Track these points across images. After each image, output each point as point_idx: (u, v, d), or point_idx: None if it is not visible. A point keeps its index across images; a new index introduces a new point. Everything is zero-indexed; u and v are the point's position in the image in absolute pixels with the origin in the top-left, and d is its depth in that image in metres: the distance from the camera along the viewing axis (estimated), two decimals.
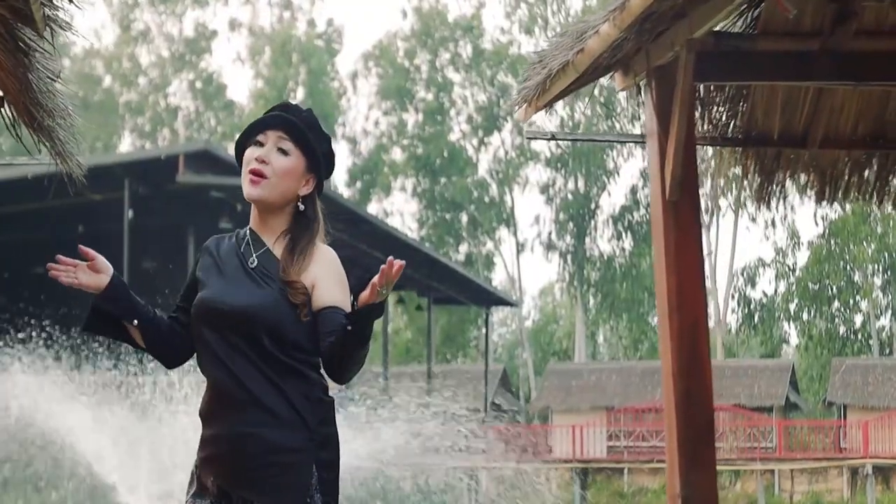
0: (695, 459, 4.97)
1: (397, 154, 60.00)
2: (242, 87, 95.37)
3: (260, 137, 3.70)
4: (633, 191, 55.10)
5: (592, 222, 55.74)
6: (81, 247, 3.66)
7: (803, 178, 6.16)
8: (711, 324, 60.42)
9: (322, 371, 3.67)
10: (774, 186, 6.10)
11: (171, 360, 3.79)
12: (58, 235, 28.50)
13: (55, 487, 19.49)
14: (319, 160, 3.73)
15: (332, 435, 3.62)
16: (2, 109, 5.22)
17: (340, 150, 72.00)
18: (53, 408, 17.73)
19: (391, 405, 20.65)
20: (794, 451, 38.87)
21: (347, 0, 79.57)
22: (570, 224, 55.33)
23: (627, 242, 55.95)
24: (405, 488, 24.86)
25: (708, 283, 56.92)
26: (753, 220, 51.96)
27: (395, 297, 42.25)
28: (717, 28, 5.47)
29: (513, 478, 25.37)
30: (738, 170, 6.02)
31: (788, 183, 6.09)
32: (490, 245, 59.91)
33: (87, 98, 61.23)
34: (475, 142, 58.94)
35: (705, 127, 5.80)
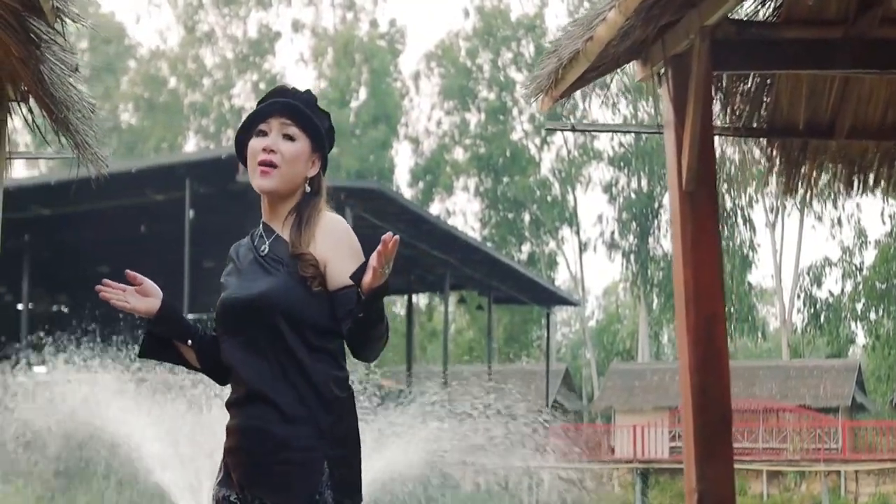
0: (711, 454, 4.89)
1: (459, 154, 60.00)
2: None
3: (262, 127, 3.66)
4: None
5: (656, 221, 55.36)
6: (129, 272, 3.65)
7: (831, 169, 6.04)
8: (776, 324, 59.95)
9: (343, 360, 3.64)
10: (801, 178, 6.00)
11: (224, 378, 3.75)
12: (120, 235, 28.87)
13: (114, 484, 19.71)
14: (324, 139, 3.71)
15: (349, 432, 3.55)
16: (19, 104, 5.25)
17: (403, 150, 72.37)
18: (112, 406, 17.90)
19: (450, 404, 20.62)
20: (860, 452, 38.33)
21: (410, 0, 79.73)
22: (633, 223, 55.00)
23: None
24: (465, 488, 24.85)
25: (773, 283, 56.59)
26: (819, 218, 51.39)
27: (456, 297, 42.28)
28: (740, 17, 5.39)
29: (574, 478, 25.29)
30: (763, 161, 5.91)
31: (815, 174, 5.98)
32: (553, 244, 59.75)
33: (153, 99, 61.90)
34: (538, 141, 58.77)
35: (729, 118, 5.71)
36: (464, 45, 59.79)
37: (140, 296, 3.65)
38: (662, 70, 5.09)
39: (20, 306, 29.50)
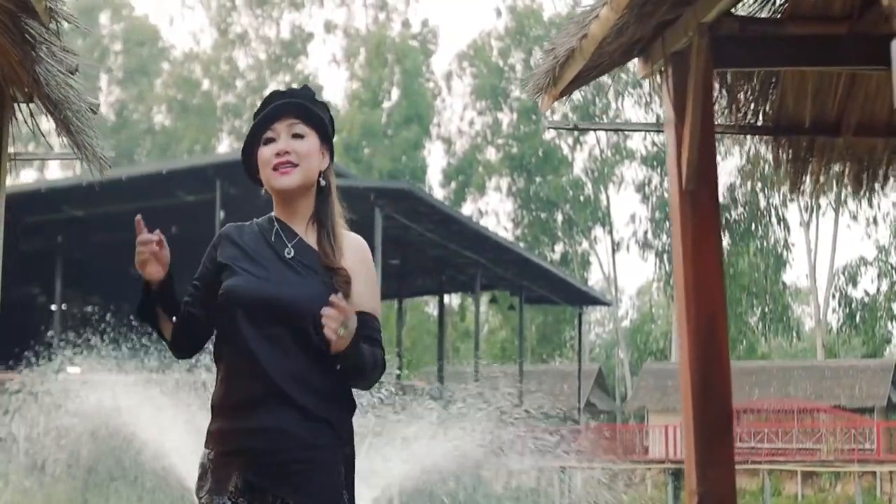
0: (712, 455, 4.84)
1: (492, 154, 59.98)
2: (338, 89, 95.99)
3: (269, 134, 3.64)
4: (731, 189, 54.41)
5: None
6: (157, 236, 3.60)
7: (839, 167, 5.97)
8: (812, 324, 59.57)
9: None
10: (809, 176, 5.93)
11: (187, 352, 3.77)
12: None
13: (147, 486, 19.79)
14: (328, 130, 3.71)
15: (351, 431, 3.59)
16: (20, 105, 5.26)
17: (435, 150, 72.31)
18: (145, 407, 17.97)
19: (482, 404, 20.57)
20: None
21: (442, 0, 79.73)
22: (667, 222, 54.78)
23: (725, 241, 55.23)
24: (497, 488, 24.80)
25: (808, 283, 56.27)
26: (854, 217, 51.09)
27: (487, 297, 42.22)
28: (744, 13, 5.34)
29: (607, 478, 25.19)
30: (769, 159, 5.85)
31: (823, 172, 5.91)
32: (585, 244, 59.63)
33: (186, 101, 62.18)
34: (570, 140, 58.66)
35: (734, 116, 5.66)
36: (496, 44, 59.75)
37: (155, 257, 3.62)
38: (663, 68, 5.05)
39: (53, 307, 29.66)
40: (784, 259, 54.30)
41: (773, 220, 53.50)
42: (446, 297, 48.69)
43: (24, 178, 58.64)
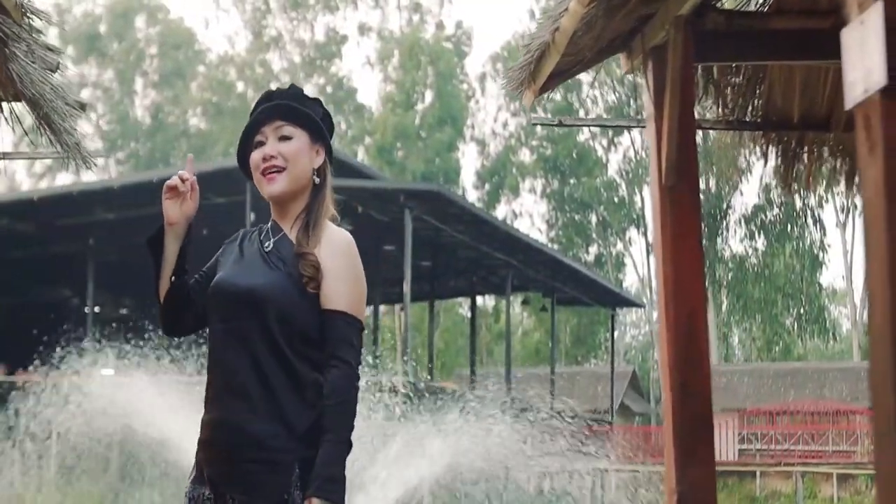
0: (692, 454, 4.78)
1: (526, 155, 59.86)
2: (372, 91, 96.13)
3: (258, 138, 3.64)
4: (767, 190, 54.08)
5: (724, 222, 54.83)
6: (187, 176, 3.64)
7: (830, 162, 5.89)
8: (848, 325, 59.13)
9: (321, 370, 3.60)
10: (799, 172, 5.86)
11: (176, 330, 3.78)
12: None
13: (175, 486, 19.87)
14: (321, 127, 3.68)
15: (316, 433, 3.53)
16: (9, 103, 5.27)
17: (469, 152, 72.16)
18: (180, 410, 18.03)
19: (514, 406, 20.51)
20: None
21: (476, 2, 79.67)
22: (701, 224, 54.49)
23: (760, 242, 54.95)
24: (529, 490, 24.73)
25: (844, 284, 55.89)
26: None
27: (519, 298, 42.13)
28: (728, 6, 5.29)
29: (639, 480, 25.06)
30: (758, 155, 5.79)
31: (814, 168, 5.83)
32: (620, 246, 59.43)
33: (221, 104, 62.41)
34: (604, 142, 58.49)
35: (721, 111, 5.60)
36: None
37: (179, 204, 3.64)
38: (643, 63, 5.00)
39: (87, 309, 29.83)
40: (820, 260, 53.96)
41: (809, 220, 53.16)
42: (480, 299, 48.64)
43: (60, 181, 59.04)
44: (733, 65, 5.49)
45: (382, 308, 47.11)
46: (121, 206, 27.40)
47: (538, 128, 59.18)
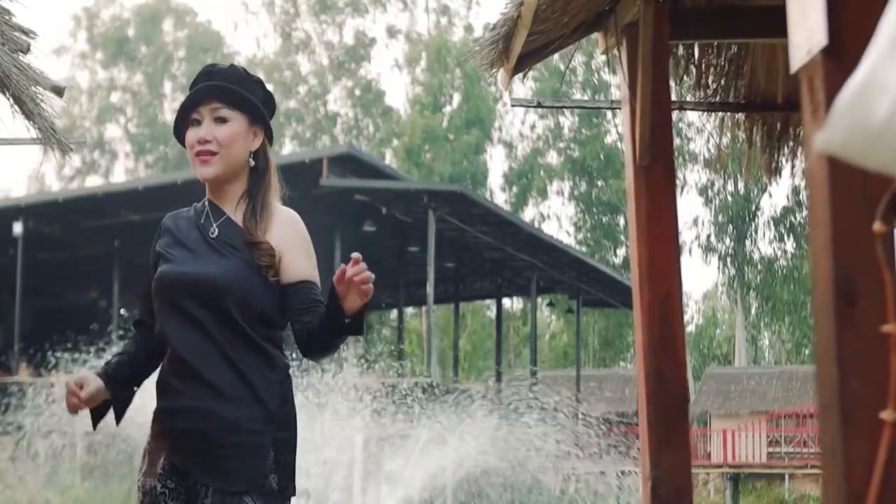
0: (666, 440, 4.69)
1: (553, 157, 59.75)
2: (400, 94, 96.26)
3: (195, 115, 3.60)
4: (796, 191, 53.76)
5: (753, 224, 54.59)
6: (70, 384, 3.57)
7: None
8: None
9: (283, 348, 3.58)
10: (785, 155, 5.74)
11: (157, 363, 3.71)
12: None
13: None
14: (260, 109, 3.62)
15: (290, 415, 3.50)
16: None
17: (497, 154, 72.01)
18: None
19: (540, 409, 20.47)
20: None
21: (503, 4, 79.62)
22: (730, 226, 54.27)
23: (790, 244, 54.63)
24: (554, 491, 24.65)
25: None
26: None
27: (545, 300, 42.03)
28: None
29: None
30: (742, 137, 5.68)
31: (801, 151, 5.72)
32: None
33: None
34: None
35: (703, 92, 5.49)
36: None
37: (87, 396, 3.55)
38: (617, 41, 4.91)
39: (112, 311, 29.98)
40: None
41: None
42: (507, 302, 48.54)
43: (90, 183, 59.34)
44: (714, 44, 5.39)
45: (410, 310, 47.11)
46: (146, 207, 27.51)
47: (565, 130, 59.08)
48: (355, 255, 3.22)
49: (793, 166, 5.62)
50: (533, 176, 58.87)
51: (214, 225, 3.57)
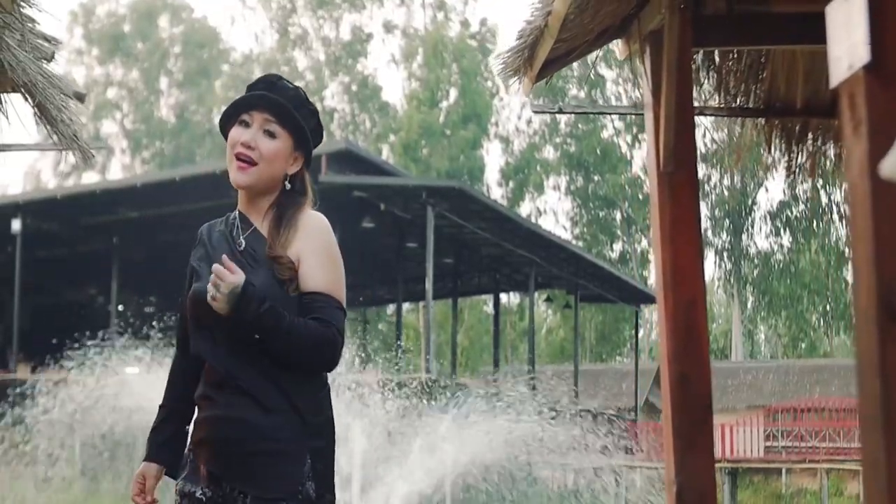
0: (691, 445, 4.72)
1: (550, 152, 59.79)
2: (397, 89, 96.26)
3: (245, 117, 3.60)
4: (792, 186, 53.90)
5: (749, 218, 54.69)
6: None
7: (834, 150, 5.81)
8: None
9: None
10: (803, 159, 5.78)
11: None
12: None
13: None
14: (308, 138, 3.63)
15: (326, 423, 3.52)
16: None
17: (493, 149, 72.16)
18: None
19: (537, 403, 20.49)
20: None
21: (529, 11, 79.64)
22: (726, 220, 54.36)
23: (786, 239, 54.75)
24: (553, 487, 24.68)
25: None
26: None
27: (543, 296, 42.09)
28: None
29: (663, 477, 24.96)
30: (762, 142, 5.71)
31: (819, 156, 5.75)
32: (645, 243, 59.30)
33: None
34: (629, 138, 58.37)
35: (722, 97, 5.53)
36: None
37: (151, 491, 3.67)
38: (640, 48, 4.94)
39: (111, 307, 29.97)
40: (846, 256, 53.69)
41: (835, 216, 52.95)
42: (505, 297, 48.58)
43: (86, 180, 59.26)
44: (734, 50, 5.41)
45: (407, 306, 47.15)
46: (144, 204, 27.52)
47: (562, 125, 59.13)
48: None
49: (811, 168, 5.65)
50: (529, 171, 58.93)
51: (242, 237, 3.58)
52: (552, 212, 67.95)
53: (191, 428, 3.61)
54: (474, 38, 60.80)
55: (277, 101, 3.58)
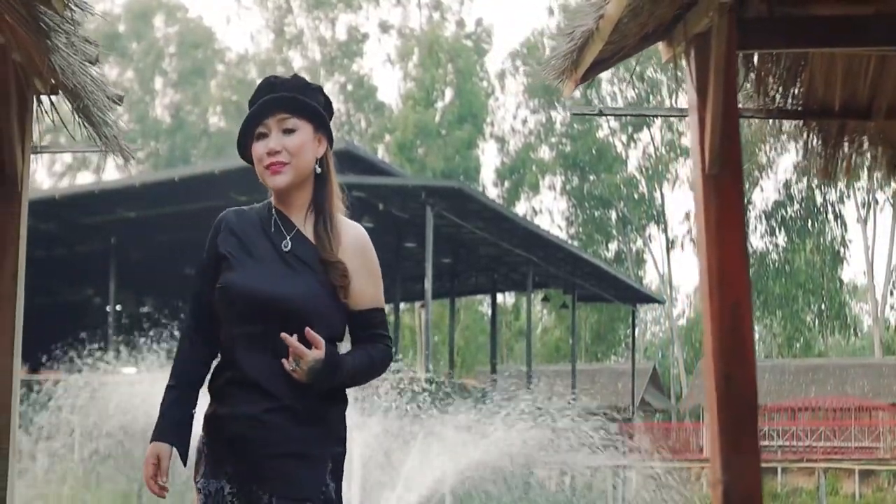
0: (737, 445, 4.75)
1: (545, 152, 59.85)
2: (392, 89, 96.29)
3: (261, 129, 3.61)
4: (787, 185, 53.94)
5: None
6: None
7: (871, 152, 5.84)
8: (869, 321, 58.96)
9: None
10: (840, 161, 5.81)
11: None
12: (204, 236, 29.21)
13: None
14: (324, 116, 3.66)
15: (345, 431, 3.60)
16: (39, 97, 5.27)
17: (489, 149, 72.28)
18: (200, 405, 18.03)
19: (533, 403, 20.50)
20: None
21: (586, 12, 79.82)
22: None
23: (781, 238, 54.77)
24: (550, 487, 24.69)
25: (865, 280, 55.61)
26: None
27: (540, 295, 42.12)
28: None
29: (660, 476, 25.01)
30: (799, 144, 5.74)
31: (855, 158, 5.78)
32: (640, 242, 59.37)
33: (241, 103, 62.47)
34: (624, 138, 58.42)
35: (761, 99, 5.55)
36: (549, 42, 59.51)
37: (163, 475, 3.61)
38: (685, 51, 4.96)
39: (109, 307, 29.95)
40: (841, 256, 53.84)
41: (830, 216, 53.01)
42: (500, 297, 48.61)
43: (81, 180, 59.19)
44: (774, 52, 5.44)
45: (403, 305, 47.15)
46: (142, 204, 27.48)
47: (557, 125, 59.15)
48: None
49: (847, 169, 5.68)
50: (525, 171, 58.95)
51: (287, 237, 3.59)
52: (548, 211, 68.20)
53: (202, 420, 3.60)
54: (470, 38, 60.84)
55: (283, 96, 3.59)
